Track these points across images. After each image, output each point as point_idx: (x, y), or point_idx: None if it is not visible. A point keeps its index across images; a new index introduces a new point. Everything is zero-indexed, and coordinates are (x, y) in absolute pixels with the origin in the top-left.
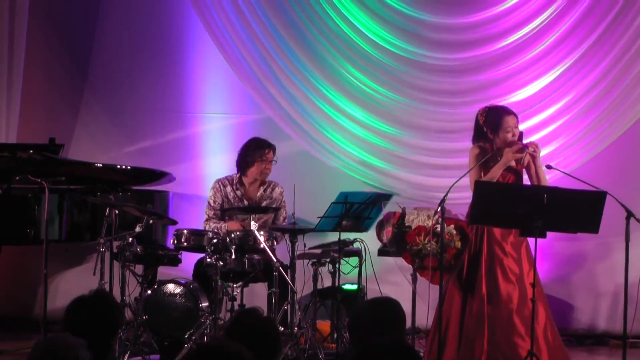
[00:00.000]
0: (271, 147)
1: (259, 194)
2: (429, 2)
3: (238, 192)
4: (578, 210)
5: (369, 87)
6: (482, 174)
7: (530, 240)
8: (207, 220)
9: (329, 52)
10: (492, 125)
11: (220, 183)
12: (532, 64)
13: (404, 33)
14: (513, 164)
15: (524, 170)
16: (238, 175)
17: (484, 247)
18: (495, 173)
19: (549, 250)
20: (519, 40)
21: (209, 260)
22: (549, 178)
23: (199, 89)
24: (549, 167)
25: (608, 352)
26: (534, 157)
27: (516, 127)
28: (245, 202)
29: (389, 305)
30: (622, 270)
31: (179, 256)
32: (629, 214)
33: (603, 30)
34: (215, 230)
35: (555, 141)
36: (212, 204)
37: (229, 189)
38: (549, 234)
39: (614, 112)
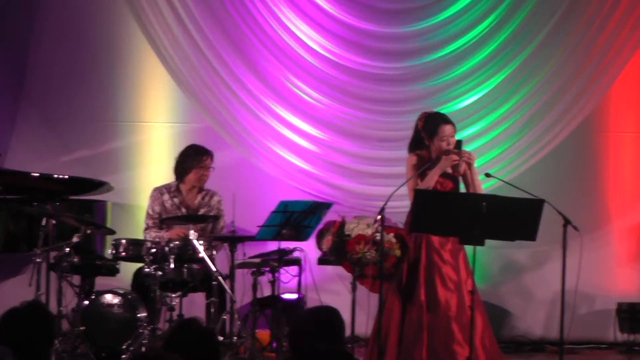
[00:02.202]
0: (209, 153)
1: (197, 201)
2: (370, 12)
3: (176, 200)
4: (516, 218)
5: (309, 96)
6: (419, 182)
7: (468, 248)
8: (147, 229)
9: (269, 61)
10: (428, 131)
11: (157, 191)
12: (472, 72)
13: (344, 42)
14: (450, 170)
15: (460, 178)
16: (176, 183)
17: (423, 255)
18: (432, 178)
19: (486, 257)
20: (459, 49)
21: (147, 270)
22: (488, 187)
23: (139, 98)
24: (487, 175)
25: (545, 358)
26: (469, 165)
27: (452, 136)
28: (183, 210)
29: (329, 314)
30: (557, 278)
31: (117, 266)
32: (567, 222)
33: (542, 40)
34: (157, 239)
35: (494, 149)
36: (151, 213)
37: (166, 196)
38: (486, 241)
39: (552, 121)
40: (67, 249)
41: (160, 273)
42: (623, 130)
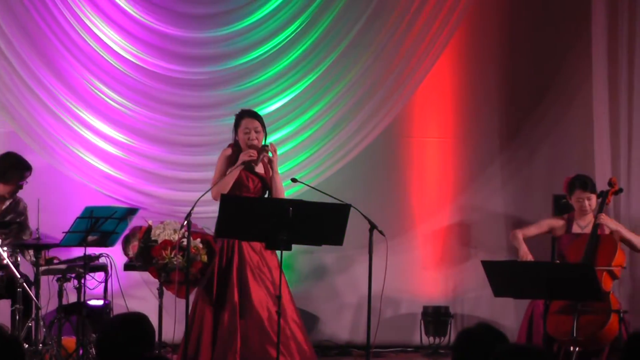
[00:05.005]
0: (31, 169)
1: (4, 207)
2: (174, 17)
3: None
4: (323, 222)
5: (114, 101)
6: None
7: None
8: None
9: (72, 65)
10: (235, 125)
11: None
12: (278, 77)
13: (149, 47)
14: (262, 171)
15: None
16: None
17: (235, 259)
18: (233, 174)
19: (294, 262)
20: (265, 54)
21: None
22: (295, 192)
23: None
24: (293, 180)
25: None
26: (271, 162)
27: (258, 131)
28: None
29: (138, 321)
30: (364, 282)
31: None
32: (372, 226)
33: (347, 45)
34: None
35: (300, 154)
36: None
37: None
38: (294, 246)
39: (358, 125)
40: None
41: None
42: (426, 136)
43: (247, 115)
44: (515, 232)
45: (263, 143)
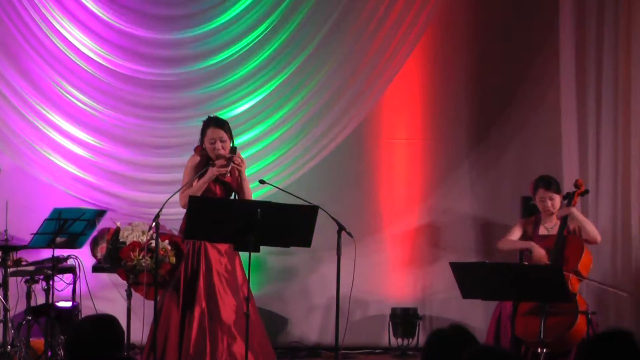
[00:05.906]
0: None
1: None
2: (143, 18)
3: None
4: (291, 224)
5: (82, 103)
6: (194, 183)
7: (245, 254)
8: None
9: (40, 67)
10: (201, 134)
11: None
12: (247, 78)
13: (118, 48)
14: (228, 177)
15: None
16: None
17: (202, 261)
18: (201, 187)
19: (263, 263)
20: (234, 55)
21: None
22: (263, 194)
23: None
24: (261, 181)
25: None
26: (239, 172)
27: (223, 140)
28: None
29: (107, 322)
30: (333, 284)
31: None
32: (341, 228)
33: (316, 46)
34: None
35: (269, 156)
36: None
37: None
38: (263, 247)
39: (327, 127)
40: None
41: None
42: (395, 137)
43: (212, 124)
44: (503, 240)
45: (231, 145)
